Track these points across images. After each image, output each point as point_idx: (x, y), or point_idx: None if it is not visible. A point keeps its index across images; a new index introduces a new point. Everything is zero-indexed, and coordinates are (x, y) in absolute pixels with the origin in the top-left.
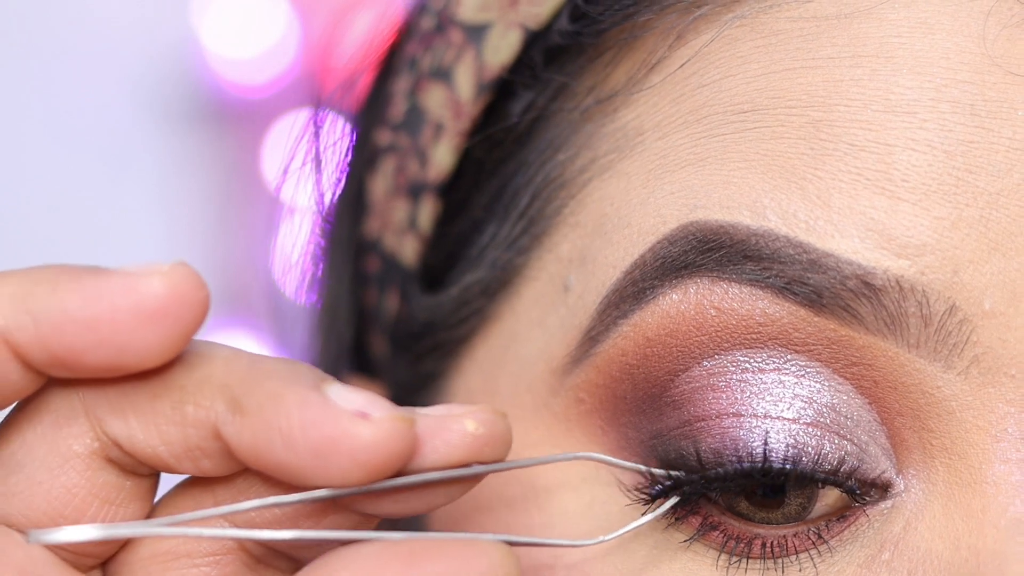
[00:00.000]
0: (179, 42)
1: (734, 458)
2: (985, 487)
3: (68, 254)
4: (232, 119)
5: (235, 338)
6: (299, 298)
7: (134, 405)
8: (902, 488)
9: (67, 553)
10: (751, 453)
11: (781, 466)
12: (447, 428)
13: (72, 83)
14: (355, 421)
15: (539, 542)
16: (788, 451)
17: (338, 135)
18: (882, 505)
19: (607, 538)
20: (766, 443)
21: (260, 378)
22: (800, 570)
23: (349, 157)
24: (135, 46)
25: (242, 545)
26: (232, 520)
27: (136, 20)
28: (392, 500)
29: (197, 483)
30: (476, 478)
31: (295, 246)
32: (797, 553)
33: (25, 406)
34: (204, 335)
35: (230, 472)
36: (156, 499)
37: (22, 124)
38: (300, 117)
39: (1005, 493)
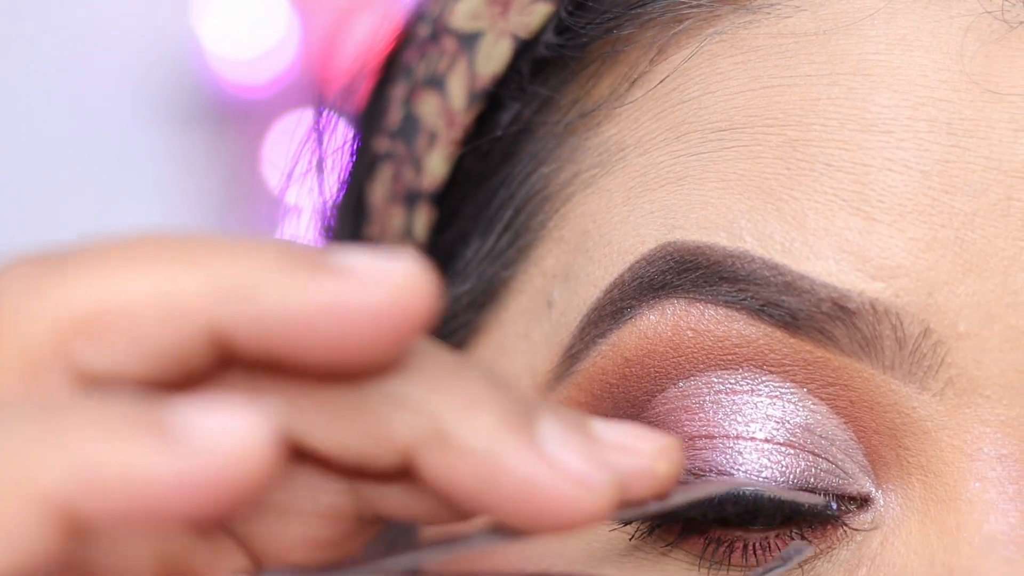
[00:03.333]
0: (179, 42)
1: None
2: (960, 504)
3: None
4: (232, 119)
5: None
6: None
7: (331, 416)
8: (881, 503)
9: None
10: (724, 475)
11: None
12: (639, 467)
13: (72, 83)
14: (576, 489)
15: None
16: (762, 472)
17: (340, 140)
18: (862, 518)
19: None
20: (742, 466)
21: (472, 408)
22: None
23: (350, 163)
24: (135, 46)
25: (359, 512)
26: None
27: (136, 20)
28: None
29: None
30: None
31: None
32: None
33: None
34: None
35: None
36: None
37: (22, 124)
38: (301, 118)
39: (980, 511)
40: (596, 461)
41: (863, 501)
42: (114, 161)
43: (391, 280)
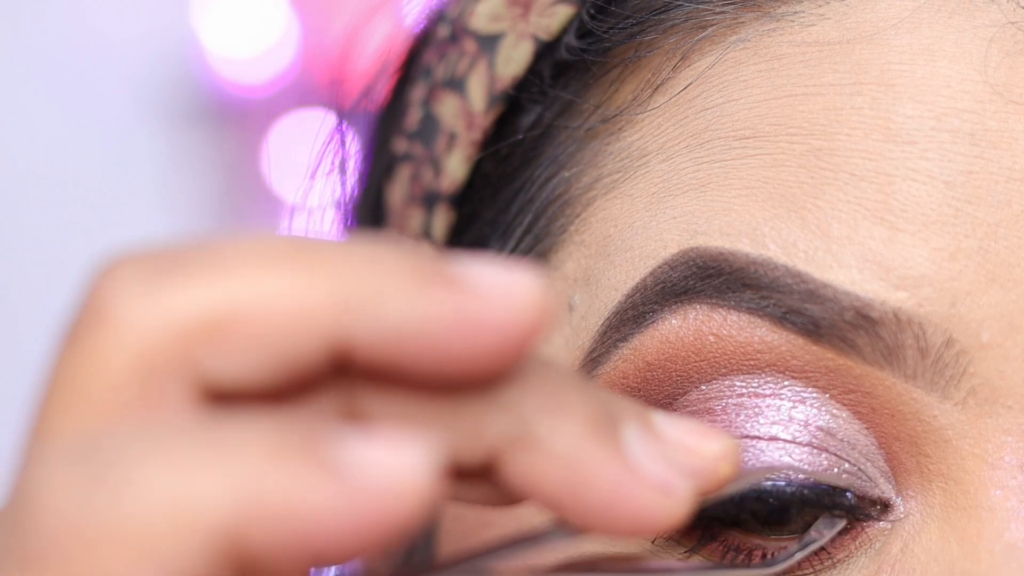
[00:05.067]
0: (179, 42)
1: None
2: (981, 512)
3: (68, 254)
4: (232, 119)
5: None
6: None
7: (438, 412)
8: (901, 510)
9: None
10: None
11: (789, 496)
12: (703, 475)
13: (72, 82)
14: (658, 496)
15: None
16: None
17: (358, 142)
18: (882, 524)
19: (781, 565)
20: (760, 464)
21: (561, 412)
22: None
23: (369, 164)
24: (135, 46)
25: None
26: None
27: (136, 20)
28: None
29: None
30: None
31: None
32: (799, 565)
33: None
34: None
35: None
36: None
37: (22, 123)
38: (299, 117)
39: (1000, 519)
40: (677, 468)
41: (883, 507)
42: (114, 161)
43: (516, 296)
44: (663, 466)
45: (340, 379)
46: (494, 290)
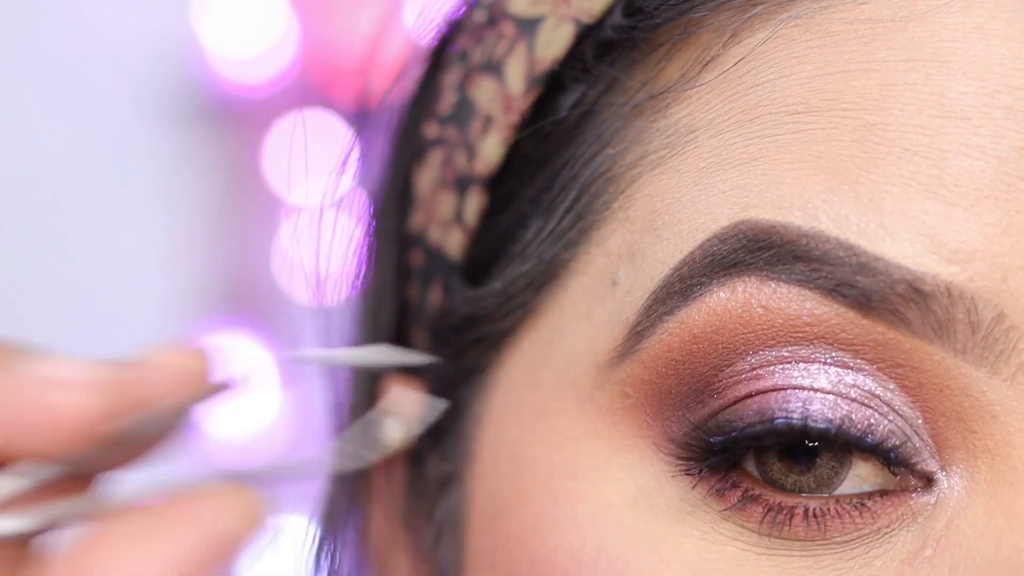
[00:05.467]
0: (179, 42)
1: (781, 416)
2: None
3: (68, 254)
4: (232, 119)
5: (235, 338)
6: (340, 295)
7: None
8: (945, 485)
9: None
10: (798, 410)
11: (826, 427)
12: (160, 376)
13: (72, 82)
14: (52, 389)
15: (281, 467)
16: (833, 414)
17: (383, 131)
18: (926, 498)
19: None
20: (811, 404)
21: None
22: (851, 557)
23: (395, 151)
24: (135, 46)
25: None
26: None
27: (136, 20)
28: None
29: None
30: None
31: (324, 244)
32: (842, 520)
33: None
34: (206, 335)
35: None
36: None
37: (22, 123)
38: (301, 117)
39: None
40: (77, 368)
41: (928, 481)
42: (114, 161)
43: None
44: (54, 367)
45: None
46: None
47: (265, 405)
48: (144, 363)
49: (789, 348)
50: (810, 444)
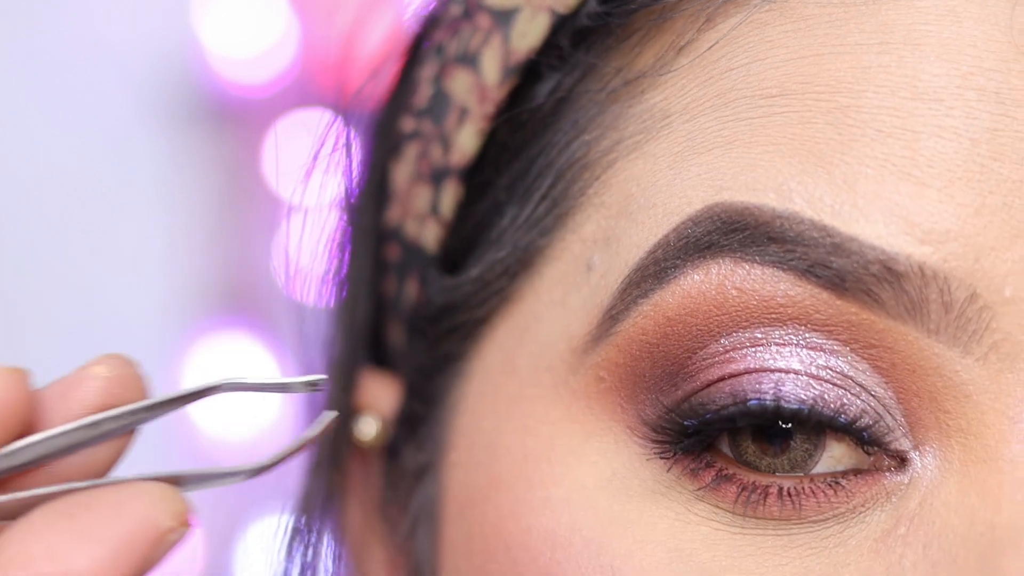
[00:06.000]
0: (179, 42)
1: (754, 397)
2: (1002, 464)
3: (68, 253)
4: (232, 119)
5: (235, 338)
6: (316, 294)
7: None
8: (919, 464)
9: None
10: (770, 391)
11: (799, 407)
12: (78, 378)
13: (72, 82)
14: None
15: (209, 473)
16: (806, 395)
17: (362, 127)
18: (900, 478)
19: (268, 461)
20: (783, 385)
21: None
22: (825, 535)
23: (373, 146)
24: (135, 46)
25: None
26: None
27: (136, 20)
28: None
29: None
30: (128, 429)
31: (313, 242)
32: (816, 499)
33: None
34: (206, 335)
35: None
36: None
37: (22, 124)
38: (299, 117)
39: (1022, 471)
40: None
41: (901, 460)
42: (114, 161)
43: None
44: None
45: None
46: None
47: (259, 407)
48: (79, 369)
49: (763, 330)
50: (784, 425)
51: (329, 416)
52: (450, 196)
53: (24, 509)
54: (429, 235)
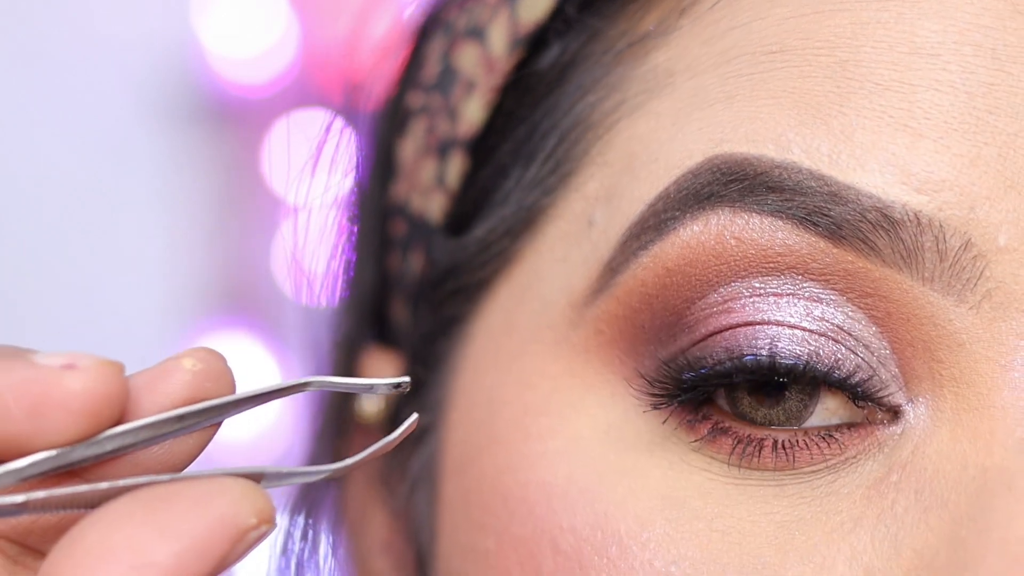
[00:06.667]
0: (179, 42)
1: (749, 353)
2: (993, 411)
3: (68, 253)
4: (232, 119)
5: (235, 338)
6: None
7: None
8: (912, 415)
9: None
10: (765, 347)
11: (794, 362)
12: (166, 370)
13: (72, 82)
14: (62, 373)
15: (290, 471)
16: (801, 350)
17: (368, 111)
18: (892, 429)
19: (351, 461)
20: (778, 341)
21: None
22: (816, 484)
23: (379, 126)
24: (135, 46)
25: None
26: None
27: (136, 20)
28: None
29: None
30: (213, 423)
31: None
32: (810, 451)
33: None
34: (206, 333)
35: None
36: None
37: (22, 123)
38: (299, 117)
39: (1013, 417)
40: (85, 356)
41: (894, 413)
42: (114, 161)
43: (78, 372)
44: (69, 357)
45: None
46: (49, 374)
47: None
48: (165, 361)
49: (761, 279)
50: (779, 380)
51: (412, 419)
52: (456, 167)
53: (104, 499)
54: (435, 206)
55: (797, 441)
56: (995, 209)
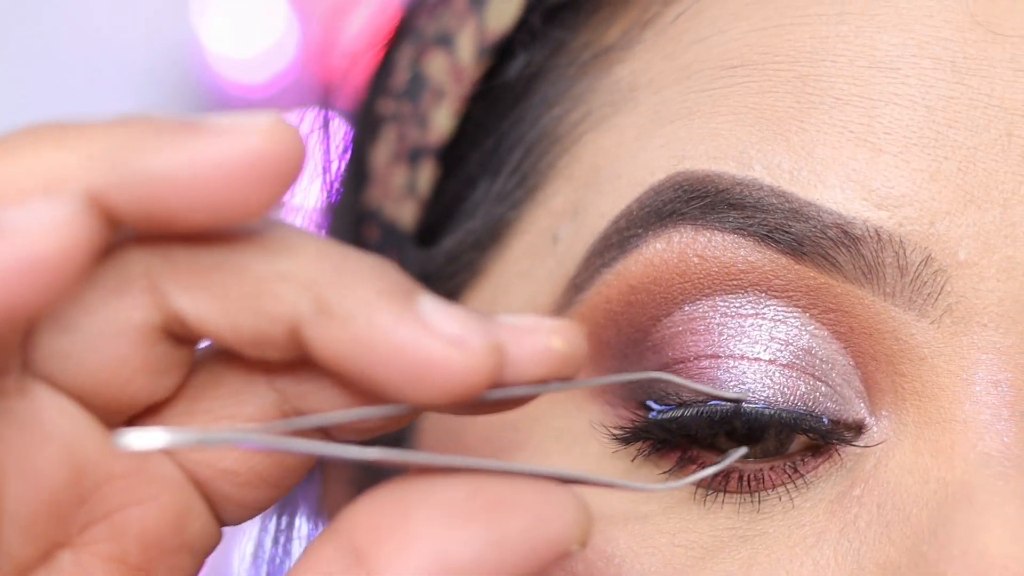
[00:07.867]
0: (179, 42)
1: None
2: (955, 425)
3: None
4: None
5: None
6: None
7: (207, 285)
8: (875, 430)
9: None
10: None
11: (761, 413)
12: (534, 343)
13: (72, 82)
14: (451, 348)
15: (613, 483)
16: (764, 391)
17: (343, 115)
18: (856, 444)
19: (678, 484)
20: (744, 382)
21: (352, 282)
22: (779, 500)
23: (353, 132)
24: (135, 46)
25: (284, 412)
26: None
27: (136, 20)
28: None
29: (247, 363)
30: (533, 396)
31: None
32: (774, 487)
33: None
34: None
35: (291, 362)
36: None
37: (22, 123)
38: (299, 117)
39: (974, 430)
40: (475, 329)
41: (857, 429)
42: None
43: (259, 129)
44: (458, 325)
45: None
46: (237, 128)
47: None
48: (535, 331)
49: (724, 297)
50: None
51: (742, 450)
52: (427, 174)
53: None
54: (406, 214)
55: (764, 475)
56: (955, 224)
